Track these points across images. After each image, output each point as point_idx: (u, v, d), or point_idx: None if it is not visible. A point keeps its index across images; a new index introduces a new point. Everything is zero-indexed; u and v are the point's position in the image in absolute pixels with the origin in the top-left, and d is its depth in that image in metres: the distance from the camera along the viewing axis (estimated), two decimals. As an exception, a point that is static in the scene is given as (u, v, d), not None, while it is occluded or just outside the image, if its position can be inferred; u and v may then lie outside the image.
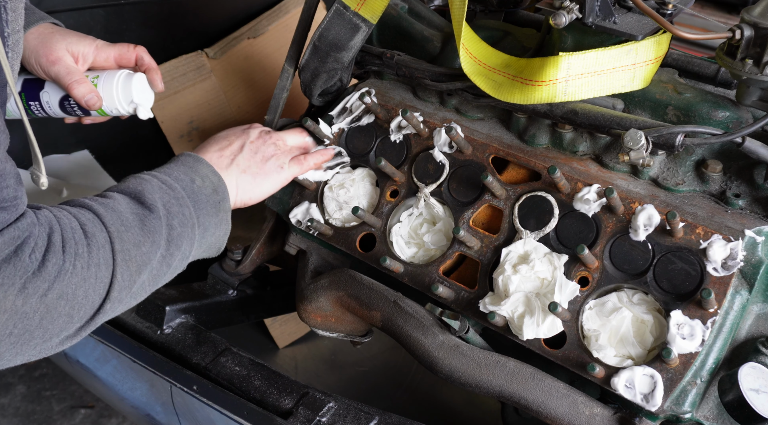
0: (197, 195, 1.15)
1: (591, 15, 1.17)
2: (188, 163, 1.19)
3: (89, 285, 0.94)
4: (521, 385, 1.15)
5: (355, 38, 1.40)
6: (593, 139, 1.26)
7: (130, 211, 1.05)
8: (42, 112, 1.33)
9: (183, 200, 1.12)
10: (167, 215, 1.08)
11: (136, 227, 1.03)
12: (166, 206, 1.09)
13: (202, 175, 1.18)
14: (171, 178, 1.13)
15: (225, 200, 1.20)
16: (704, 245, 1.09)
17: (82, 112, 1.31)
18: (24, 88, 1.31)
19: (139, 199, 1.07)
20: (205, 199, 1.15)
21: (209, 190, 1.17)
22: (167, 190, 1.11)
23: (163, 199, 1.09)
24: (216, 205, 1.17)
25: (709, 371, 1.07)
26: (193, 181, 1.16)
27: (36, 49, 1.25)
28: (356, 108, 1.45)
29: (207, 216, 1.15)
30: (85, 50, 1.28)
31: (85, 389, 2.48)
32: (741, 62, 1.08)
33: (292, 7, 2.25)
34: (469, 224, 1.29)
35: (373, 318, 1.30)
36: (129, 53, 1.32)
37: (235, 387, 1.37)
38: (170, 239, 1.08)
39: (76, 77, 1.26)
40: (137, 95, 1.31)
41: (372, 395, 2.33)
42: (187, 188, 1.14)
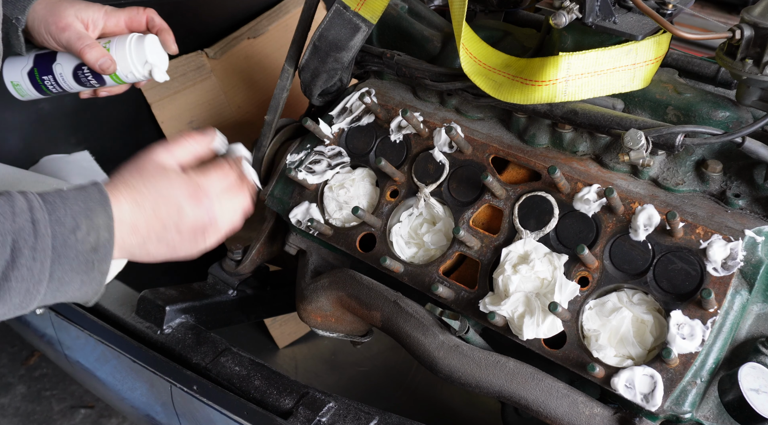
0: (67, 248, 0.92)
1: (591, 15, 1.17)
2: (90, 203, 0.95)
3: None
4: (521, 385, 1.15)
5: (355, 38, 1.40)
6: (593, 139, 1.26)
7: None
8: (56, 86, 1.30)
9: (43, 252, 0.90)
10: (7, 267, 0.88)
11: None
12: (15, 255, 0.88)
13: (94, 225, 0.94)
14: (50, 218, 0.92)
15: (105, 261, 0.96)
16: (704, 245, 1.09)
17: (97, 80, 1.28)
18: (36, 64, 1.29)
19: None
20: (77, 255, 0.93)
21: (88, 246, 0.94)
22: (30, 234, 0.90)
23: (16, 246, 0.88)
24: (89, 264, 0.95)
25: (709, 371, 1.07)
26: (75, 230, 0.93)
27: (45, 18, 1.23)
28: (356, 108, 1.45)
29: (70, 273, 0.94)
30: (95, 16, 1.26)
31: (85, 389, 2.48)
32: (741, 62, 1.08)
33: (292, 7, 2.25)
34: (469, 224, 1.29)
35: (373, 318, 1.30)
36: (139, 16, 1.29)
37: (235, 387, 1.37)
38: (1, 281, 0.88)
39: (88, 42, 1.23)
40: (151, 56, 1.27)
41: (372, 395, 2.32)
42: (59, 237, 0.92)
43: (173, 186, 1.01)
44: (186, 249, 1.04)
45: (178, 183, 1.01)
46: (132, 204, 0.98)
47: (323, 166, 1.44)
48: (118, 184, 0.99)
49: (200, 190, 1.02)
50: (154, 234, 1.00)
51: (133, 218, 0.98)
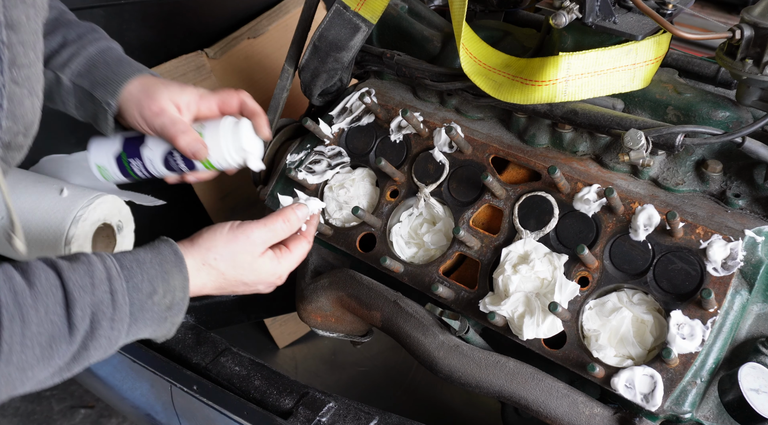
0: (144, 312, 0.97)
1: (591, 15, 1.17)
2: (165, 266, 0.99)
3: None
4: (521, 385, 1.15)
5: (355, 38, 1.40)
6: (593, 139, 1.26)
7: (47, 322, 0.87)
8: (143, 171, 1.24)
9: (120, 322, 0.93)
10: (86, 338, 0.91)
11: (37, 348, 0.86)
12: (94, 327, 0.91)
13: (170, 287, 0.99)
14: (128, 286, 0.95)
15: (178, 316, 1.02)
16: (704, 245, 1.09)
17: (187, 165, 1.22)
18: (124, 147, 1.23)
19: (68, 309, 0.89)
20: (152, 315, 0.98)
21: (164, 306, 0.99)
22: (109, 306, 0.92)
23: (95, 318, 0.91)
24: (162, 320, 1.00)
25: (709, 371, 1.07)
26: (152, 294, 0.97)
27: (138, 101, 1.18)
28: (356, 108, 1.45)
29: (144, 328, 0.98)
30: (189, 100, 1.21)
31: (85, 389, 2.48)
32: (741, 62, 1.08)
33: (292, 7, 2.25)
34: (469, 224, 1.29)
35: (373, 318, 1.30)
36: (232, 99, 1.24)
37: (235, 387, 1.37)
38: (75, 360, 0.91)
39: (181, 127, 1.17)
40: (246, 143, 1.20)
41: (372, 395, 2.33)
42: (137, 304, 0.95)
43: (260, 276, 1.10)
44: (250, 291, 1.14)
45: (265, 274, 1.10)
46: (212, 281, 1.07)
47: (323, 166, 1.44)
48: (204, 254, 1.06)
49: (276, 277, 1.12)
50: (225, 292, 1.10)
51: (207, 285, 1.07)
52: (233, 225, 1.09)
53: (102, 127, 1.23)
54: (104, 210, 1.47)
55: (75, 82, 1.18)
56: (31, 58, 0.93)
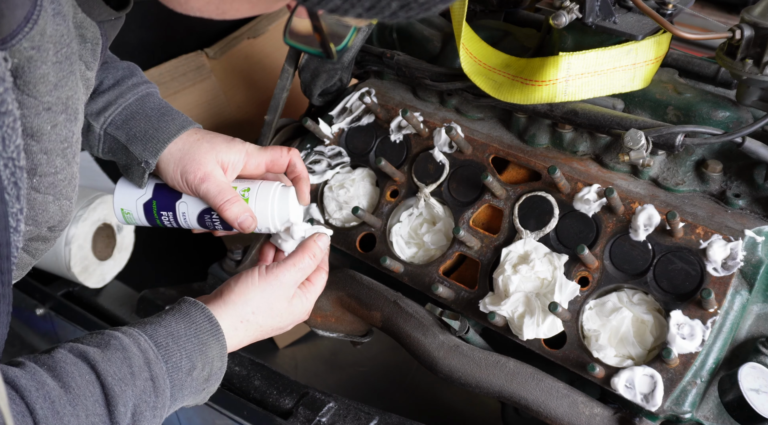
0: (183, 389, 0.92)
1: (591, 15, 1.17)
2: (201, 337, 0.94)
3: None
4: (521, 385, 1.15)
5: (355, 38, 1.40)
6: (593, 139, 1.26)
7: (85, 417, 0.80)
8: (173, 223, 1.18)
9: (162, 408, 0.88)
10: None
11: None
12: (136, 418, 0.85)
13: (208, 359, 0.94)
14: (167, 367, 0.89)
15: (215, 385, 0.98)
16: (704, 245, 1.09)
17: (223, 226, 1.16)
18: (156, 197, 1.16)
19: (109, 407, 0.82)
20: (191, 391, 0.93)
21: (202, 378, 0.94)
22: (151, 394, 0.87)
23: (138, 410, 0.85)
24: (200, 391, 0.96)
25: (709, 371, 1.07)
26: (191, 371, 0.92)
27: (182, 164, 1.10)
28: (356, 108, 1.45)
29: (183, 401, 0.94)
30: (236, 159, 1.13)
31: (85, 389, 2.48)
32: (741, 62, 1.08)
33: (292, 7, 2.25)
34: (469, 224, 1.29)
35: (373, 318, 1.30)
36: (282, 159, 1.17)
37: (235, 387, 1.37)
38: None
39: (228, 196, 1.10)
40: (293, 212, 1.15)
41: (372, 395, 2.32)
42: (177, 383, 0.91)
43: (291, 317, 1.07)
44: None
45: (296, 315, 1.08)
46: (249, 335, 1.03)
47: (323, 166, 1.44)
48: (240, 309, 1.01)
49: (305, 313, 1.10)
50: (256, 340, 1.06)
51: (243, 341, 1.03)
52: (261, 271, 1.05)
53: (133, 180, 1.15)
54: (104, 210, 1.47)
55: (108, 131, 1.11)
56: (57, 166, 0.87)
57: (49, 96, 0.83)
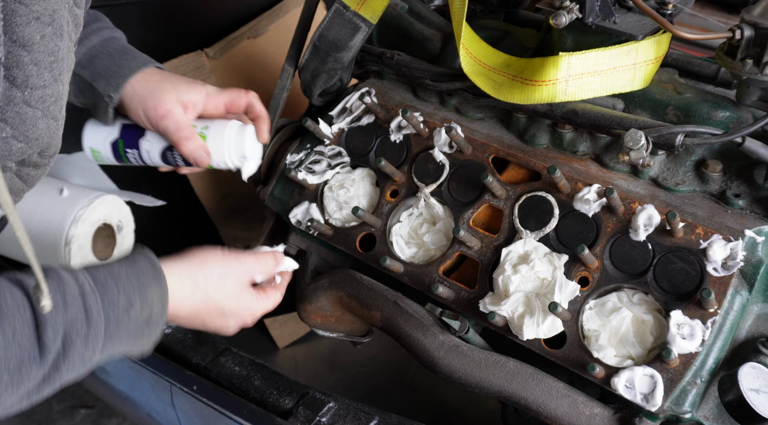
0: (120, 328, 0.92)
1: (591, 15, 1.17)
2: (142, 278, 0.95)
3: None
4: (521, 385, 1.15)
5: (355, 38, 1.40)
6: (593, 139, 1.26)
7: (15, 345, 0.81)
8: (139, 160, 1.25)
9: (95, 339, 0.89)
10: (58, 358, 0.86)
11: (5, 374, 0.81)
12: (66, 347, 0.86)
13: (148, 300, 0.94)
14: (103, 302, 0.90)
15: (155, 330, 0.98)
16: (704, 245, 1.09)
17: (185, 163, 1.24)
18: (122, 135, 1.23)
19: (38, 330, 0.83)
20: (128, 332, 0.93)
21: (141, 320, 0.94)
22: (82, 324, 0.87)
23: (68, 338, 0.86)
24: (139, 334, 0.95)
25: (709, 371, 1.07)
26: (129, 308, 0.92)
27: (143, 100, 1.17)
28: (356, 108, 1.45)
29: (119, 345, 0.94)
30: (195, 99, 1.20)
31: (85, 389, 2.48)
32: (741, 62, 1.08)
33: (292, 7, 2.25)
34: (469, 224, 1.29)
35: (373, 318, 1.30)
36: (240, 100, 1.24)
37: (235, 387, 1.37)
38: (46, 382, 0.86)
39: (186, 132, 1.17)
40: (249, 149, 1.22)
41: (372, 395, 2.32)
42: (112, 320, 0.90)
43: (238, 306, 1.07)
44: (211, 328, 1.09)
45: (242, 309, 1.08)
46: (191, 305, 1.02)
47: (323, 166, 1.44)
48: (195, 277, 1.02)
49: (251, 315, 1.10)
50: (196, 321, 1.05)
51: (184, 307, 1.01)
52: (225, 250, 1.06)
53: (100, 117, 1.22)
54: (104, 210, 1.47)
55: (75, 71, 1.15)
56: (46, 79, 0.89)
57: (38, 5, 0.85)
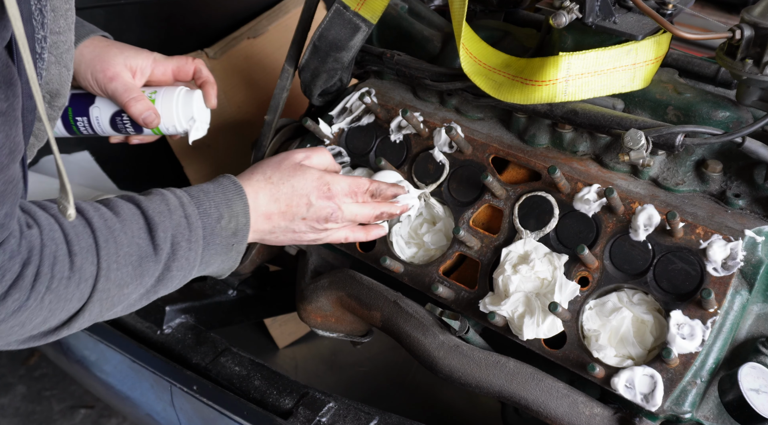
0: (214, 236, 1.06)
1: (591, 15, 1.17)
2: (228, 194, 1.09)
3: (52, 314, 0.90)
4: (521, 385, 1.15)
5: (355, 38, 1.40)
6: (593, 139, 1.26)
7: (134, 244, 0.96)
8: (89, 129, 1.26)
9: (196, 243, 1.03)
10: (169, 258, 1.00)
11: (129, 266, 0.96)
12: (174, 248, 1.01)
13: (234, 213, 1.08)
14: (199, 211, 1.04)
15: (241, 243, 1.10)
16: (704, 245, 1.09)
17: (134, 128, 1.25)
18: (71, 103, 1.24)
19: (151, 232, 0.98)
20: (221, 241, 1.07)
21: (230, 231, 1.08)
22: (185, 228, 1.02)
23: (175, 240, 1.01)
24: (229, 247, 1.09)
25: (709, 371, 1.07)
26: (220, 219, 1.07)
27: (92, 64, 1.20)
28: (356, 108, 1.45)
29: (214, 256, 1.07)
30: (143, 64, 1.23)
31: (85, 389, 2.48)
32: (741, 62, 1.08)
33: (292, 7, 2.25)
34: (469, 224, 1.29)
35: (373, 318, 1.30)
36: (187, 66, 1.27)
37: (235, 387, 1.37)
38: (160, 280, 1.01)
39: (134, 94, 1.20)
40: (197, 112, 1.25)
41: (372, 395, 2.33)
42: (208, 227, 1.05)
43: (306, 180, 1.16)
44: (310, 237, 1.20)
45: (310, 178, 1.16)
46: (267, 194, 1.13)
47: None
48: (257, 176, 1.15)
49: (329, 188, 1.17)
50: (283, 222, 1.15)
51: (267, 207, 1.13)
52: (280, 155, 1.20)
53: None
54: (104, 210, 1.47)
55: None
56: (61, 26, 0.93)
57: None
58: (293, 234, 1.18)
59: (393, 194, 1.25)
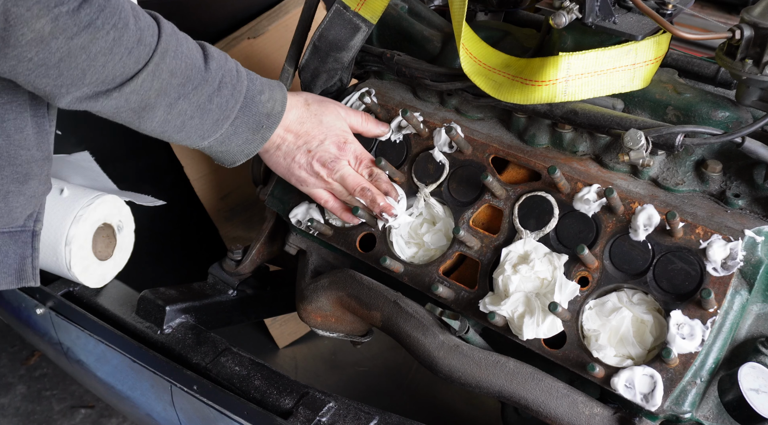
0: (253, 103, 1.15)
1: (591, 15, 1.17)
2: (272, 84, 1.20)
3: (112, 59, 0.95)
4: (521, 385, 1.16)
5: (355, 38, 1.40)
6: (593, 139, 1.26)
7: (189, 56, 1.05)
8: None
9: (239, 93, 1.12)
10: (213, 92, 1.08)
11: (183, 64, 1.04)
12: (221, 84, 1.09)
13: (273, 96, 1.18)
14: (248, 76, 1.15)
15: (270, 129, 1.19)
16: (704, 245, 1.09)
17: None
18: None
19: (206, 60, 1.08)
20: (256, 112, 1.16)
21: (265, 110, 1.17)
22: (234, 76, 1.11)
23: (224, 79, 1.10)
24: (259, 125, 1.17)
25: (709, 371, 1.07)
26: (261, 93, 1.16)
27: None
28: (356, 108, 1.45)
29: (243, 126, 1.15)
30: None
31: (85, 389, 2.48)
32: (741, 62, 1.08)
33: (292, 7, 2.25)
34: (469, 224, 1.29)
35: (373, 318, 1.30)
36: None
37: (235, 387, 1.37)
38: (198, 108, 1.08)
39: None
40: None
41: (372, 395, 2.33)
42: (249, 92, 1.14)
43: (334, 124, 1.29)
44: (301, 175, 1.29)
45: (337, 126, 1.30)
46: (298, 114, 1.25)
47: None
48: (300, 97, 1.28)
49: (345, 141, 1.30)
50: (294, 143, 1.26)
51: (292, 121, 1.24)
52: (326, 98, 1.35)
53: None
54: (104, 210, 1.47)
55: None
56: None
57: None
58: (291, 162, 1.27)
59: (386, 189, 1.31)
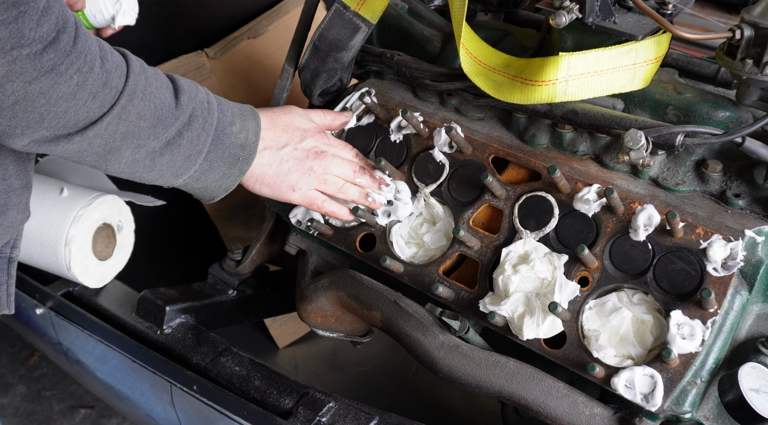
0: (224, 136, 1.11)
1: (591, 15, 1.17)
2: (243, 111, 1.16)
3: (75, 104, 0.92)
4: (521, 385, 1.15)
5: (355, 38, 1.40)
6: (593, 139, 1.26)
7: (160, 92, 1.02)
8: None
9: (210, 126, 1.09)
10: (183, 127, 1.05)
11: (152, 104, 1.00)
12: (191, 118, 1.06)
13: (245, 126, 1.15)
14: (219, 107, 1.11)
15: (246, 162, 1.16)
16: (704, 245, 1.09)
17: None
18: None
19: (177, 94, 1.05)
20: (227, 146, 1.12)
21: (239, 141, 1.14)
22: (205, 108, 1.08)
23: (194, 112, 1.07)
24: (234, 158, 1.14)
25: (709, 371, 1.07)
26: (232, 124, 1.13)
27: None
28: (356, 108, 1.45)
29: (218, 161, 1.12)
30: None
31: (85, 389, 2.48)
32: (741, 62, 1.08)
33: (292, 7, 2.25)
34: (469, 224, 1.29)
35: (373, 318, 1.30)
36: None
37: (235, 387, 1.37)
38: (168, 145, 1.04)
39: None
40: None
41: (372, 395, 2.33)
42: (221, 124, 1.11)
43: (303, 122, 1.28)
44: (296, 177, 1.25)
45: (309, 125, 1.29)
46: (268, 121, 1.22)
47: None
48: (265, 111, 1.24)
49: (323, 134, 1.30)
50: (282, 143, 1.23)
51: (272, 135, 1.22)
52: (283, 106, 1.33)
53: None
54: (104, 210, 1.47)
55: None
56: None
57: None
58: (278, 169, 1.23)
59: (380, 180, 1.33)
